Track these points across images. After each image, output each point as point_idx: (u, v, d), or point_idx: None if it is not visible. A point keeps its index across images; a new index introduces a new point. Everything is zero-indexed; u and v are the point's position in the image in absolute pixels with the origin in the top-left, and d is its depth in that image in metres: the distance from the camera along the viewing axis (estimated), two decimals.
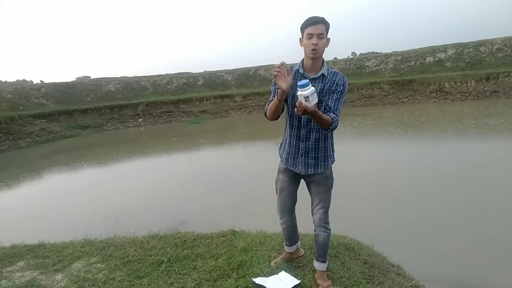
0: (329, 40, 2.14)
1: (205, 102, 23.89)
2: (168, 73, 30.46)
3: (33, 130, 17.92)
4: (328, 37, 2.12)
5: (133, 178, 9.33)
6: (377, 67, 26.11)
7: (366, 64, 26.98)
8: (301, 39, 2.14)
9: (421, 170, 7.51)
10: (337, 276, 2.60)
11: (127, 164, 11.49)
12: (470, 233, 4.45)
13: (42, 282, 2.76)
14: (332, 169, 2.40)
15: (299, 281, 2.46)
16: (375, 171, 7.60)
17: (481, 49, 23.41)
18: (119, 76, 30.76)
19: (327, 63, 2.21)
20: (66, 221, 5.99)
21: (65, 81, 27.17)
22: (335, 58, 31.49)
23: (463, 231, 4.52)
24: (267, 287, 2.37)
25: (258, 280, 2.45)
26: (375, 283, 2.64)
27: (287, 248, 2.74)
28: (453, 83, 20.53)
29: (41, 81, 34.35)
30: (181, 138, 16.32)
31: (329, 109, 2.10)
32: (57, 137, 18.18)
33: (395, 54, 26.94)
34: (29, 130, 17.76)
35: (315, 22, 2.06)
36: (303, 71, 2.19)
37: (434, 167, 7.63)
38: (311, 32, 2.05)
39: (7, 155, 14.68)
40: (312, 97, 1.87)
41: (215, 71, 30.12)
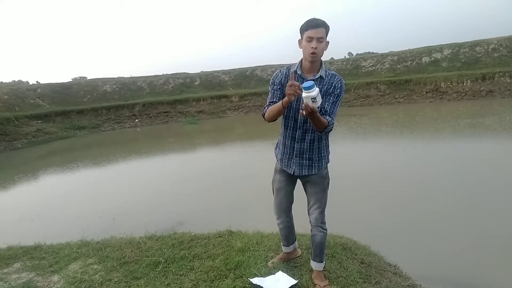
0: (328, 43, 2.12)
1: (202, 102, 23.86)
2: (164, 73, 30.41)
3: (29, 131, 17.83)
4: (327, 40, 2.11)
5: (130, 179, 9.31)
6: (374, 67, 26.19)
7: (362, 64, 27.05)
8: (300, 40, 2.13)
9: (417, 169, 7.54)
10: (334, 275, 2.61)
11: (123, 165, 11.46)
12: (466, 233, 4.47)
13: (38, 283, 2.75)
14: (328, 169, 2.40)
15: (296, 281, 2.46)
16: (372, 171, 7.63)
17: (477, 49, 23.54)
18: (116, 76, 30.65)
19: (324, 64, 2.20)
20: (62, 222, 5.97)
21: (61, 81, 27.03)
22: (332, 58, 31.56)
23: (459, 230, 4.54)
24: (264, 287, 2.38)
25: (255, 280, 2.45)
26: (372, 282, 2.65)
27: (284, 248, 2.74)
28: (449, 83, 20.62)
29: (37, 81, 34.22)
30: (178, 138, 16.29)
31: (325, 112, 2.10)
32: (53, 138, 18.08)
33: (392, 54, 27.04)
34: (25, 131, 17.66)
35: (316, 25, 2.04)
36: (301, 72, 2.18)
37: (429, 166, 7.66)
38: (311, 35, 2.04)
39: (3, 156, 14.58)
40: (318, 98, 1.88)
41: (212, 71, 30.06)
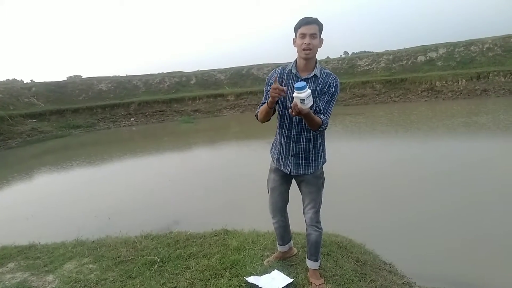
0: (322, 40, 2.13)
1: (197, 101, 23.77)
2: (160, 72, 30.29)
3: (23, 130, 17.68)
4: (321, 38, 2.12)
5: (125, 178, 9.27)
6: (369, 66, 26.24)
7: (358, 63, 27.09)
8: (294, 39, 2.14)
9: (412, 168, 7.57)
10: (330, 274, 2.62)
11: (119, 164, 11.40)
12: (461, 231, 4.49)
13: (33, 283, 2.74)
14: (323, 169, 2.41)
15: (292, 279, 2.47)
16: (366, 169, 7.65)
17: (472, 48, 23.67)
18: (111, 75, 30.42)
19: (320, 63, 2.20)
20: (57, 221, 5.93)
21: (56, 80, 26.79)
22: (328, 57, 31.56)
23: (455, 229, 4.56)
24: (260, 286, 2.38)
25: (251, 279, 2.45)
26: (367, 280, 2.66)
27: (280, 247, 2.75)
28: (444, 82, 20.72)
29: (31, 80, 33.80)
30: (174, 137, 16.22)
31: (319, 111, 2.10)
32: (48, 137, 17.93)
33: (387, 53, 27.09)
34: (19, 130, 17.51)
35: (308, 22, 2.06)
36: (295, 71, 2.19)
37: (424, 165, 7.70)
38: (304, 32, 2.05)
39: None
40: (308, 100, 1.87)
41: (208, 70, 29.95)
